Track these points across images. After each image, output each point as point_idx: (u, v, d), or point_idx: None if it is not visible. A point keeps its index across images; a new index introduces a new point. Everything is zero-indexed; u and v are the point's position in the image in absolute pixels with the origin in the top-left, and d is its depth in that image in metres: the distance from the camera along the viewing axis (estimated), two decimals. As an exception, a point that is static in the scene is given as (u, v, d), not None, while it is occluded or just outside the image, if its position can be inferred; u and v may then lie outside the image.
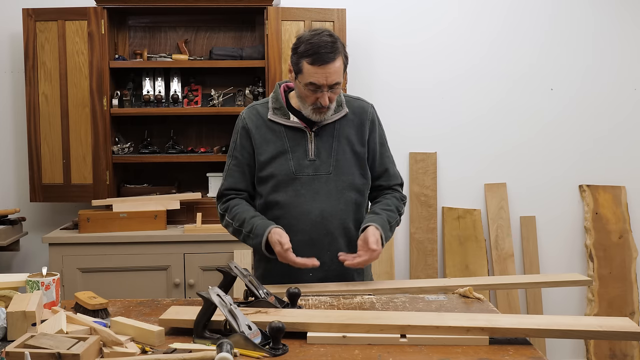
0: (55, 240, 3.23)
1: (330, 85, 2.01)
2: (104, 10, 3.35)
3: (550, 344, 3.81)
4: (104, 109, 3.38)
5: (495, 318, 1.63)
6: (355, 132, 2.16)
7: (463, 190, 3.81)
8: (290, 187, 2.10)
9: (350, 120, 2.16)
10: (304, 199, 2.09)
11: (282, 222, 2.09)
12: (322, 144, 2.13)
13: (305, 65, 2.00)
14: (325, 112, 2.07)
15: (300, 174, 2.10)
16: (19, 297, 1.70)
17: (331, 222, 2.10)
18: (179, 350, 1.48)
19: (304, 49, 2.00)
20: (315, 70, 1.99)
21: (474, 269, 3.74)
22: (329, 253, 2.10)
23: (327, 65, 1.98)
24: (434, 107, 3.78)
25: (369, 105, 2.22)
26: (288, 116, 2.13)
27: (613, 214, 3.81)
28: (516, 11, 3.78)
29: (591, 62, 3.81)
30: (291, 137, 2.12)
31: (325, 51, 1.98)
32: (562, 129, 3.82)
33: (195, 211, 3.42)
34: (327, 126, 2.14)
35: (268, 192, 2.12)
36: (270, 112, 2.14)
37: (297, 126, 2.12)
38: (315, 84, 2.01)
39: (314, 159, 2.11)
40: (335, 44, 2.01)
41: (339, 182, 2.12)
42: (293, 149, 2.11)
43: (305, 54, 2.00)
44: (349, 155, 2.14)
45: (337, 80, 2.02)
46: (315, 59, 1.98)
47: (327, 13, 3.40)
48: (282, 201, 2.11)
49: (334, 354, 1.50)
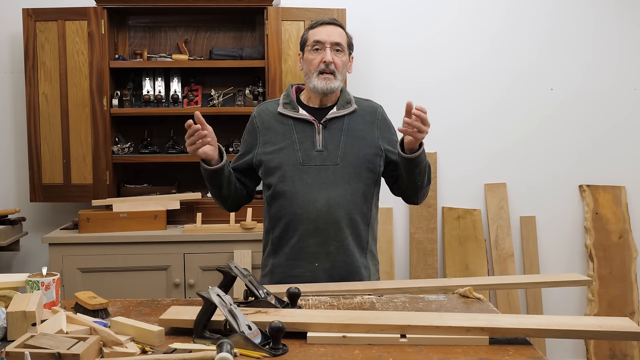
0: (55, 240, 3.23)
1: (333, 43, 2.15)
2: (104, 10, 3.35)
3: (550, 344, 3.81)
4: (104, 109, 3.38)
5: (495, 318, 1.63)
6: (364, 127, 2.21)
7: (463, 190, 3.81)
8: (298, 177, 2.13)
9: (360, 117, 2.22)
10: (311, 188, 2.12)
11: (289, 211, 2.13)
12: (330, 137, 2.17)
13: (310, 32, 2.21)
14: (332, 79, 2.15)
15: (307, 164, 2.14)
16: (19, 297, 1.70)
17: (337, 211, 2.11)
18: (179, 350, 1.48)
19: (308, 26, 2.26)
20: (318, 30, 2.19)
21: (474, 269, 3.74)
22: (335, 242, 2.12)
23: (328, 25, 2.19)
24: (434, 106, 3.76)
25: (378, 106, 2.29)
26: (297, 109, 2.20)
27: (613, 214, 3.81)
28: (516, 11, 3.78)
29: (591, 62, 3.81)
30: (299, 129, 2.18)
31: (327, 19, 2.23)
32: (562, 129, 3.82)
33: (195, 211, 3.42)
34: (336, 120, 2.19)
35: (276, 182, 2.15)
36: (281, 106, 2.22)
37: (305, 118, 2.18)
38: (319, 41, 2.16)
39: (322, 149, 2.15)
40: (337, 21, 2.25)
41: (346, 173, 2.14)
42: (301, 140, 2.16)
43: (309, 27, 2.23)
44: (357, 148, 2.17)
45: (339, 40, 2.16)
46: (317, 22, 2.22)
47: (327, 13, 3.40)
48: (288, 191, 2.13)
49: (334, 354, 1.50)
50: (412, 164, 2.07)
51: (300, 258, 2.13)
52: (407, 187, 2.18)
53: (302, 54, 2.23)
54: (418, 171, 2.10)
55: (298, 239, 2.13)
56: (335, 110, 2.20)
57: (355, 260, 2.15)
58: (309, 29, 2.22)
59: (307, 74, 2.19)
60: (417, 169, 2.09)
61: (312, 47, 2.17)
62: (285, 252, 2.16)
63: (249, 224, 3.25)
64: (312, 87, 2.17)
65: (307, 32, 2.23)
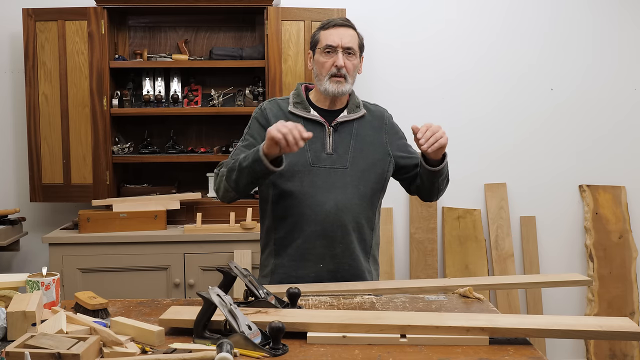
0: (55, 240, 3.23)
1: (344, 48, 2.12)
2: (104, 10, 3.35)
3: (550, 344, 3.81)
4: (104, 109, 3.38)
5: (495, 318, 1.63)
6: (373, 133, 2.20)
7: (463, 190, 3.80)
8: (306, 178, 2.11)
9: (368, 122, 2.21)
10: (319, 190, 2.11)
11: (295, 212, 2.11)
12: (340, 140, 2.16)
13: (321, 33, 2.16)
14: (343, 83, 2.12)
15: (316, 166, 2.12)
16: (19, 297, 1.70)
17: (345, 214, 2.11)
18: (179, 350, 1.48)
19: (319, 25, 2.20)
20: (330, 32, 2.14)
21: (474, 269, 3.74)
22: (341, 245, 2.11)
23: (340, 27, 2.15)
24: (434, 107, 3.78)
25: (385, 111, 2.29)
26: (308, 109, 2.18)
27: (613, 214, 3.81)
28: (516, 11, 3.78)
29: (591, 62, 3.81)
30: (310, 129, 2.11)
31: (339, 20, 2.18)
32: (562, 129, 3.82)
33: (195, 211, 3.42)
34: (346, 124, 2.18)
35: (283, 182, 2.12)
36: (291, 105, 2.19)
37: (316, 119, 2.16)
38: (331, 45, 2.12)
39: (332, 152, 2.14)
40: (349, 21, 2.20)
41: (355, 178, 2.14)
42: (311, 141, 2.11)
43: (320, 27, 2.19)
44: (366, 153, 2.17)
45: (351, 45, 2.13)
46: (330, 24, 2.16)
47: (327, 13, 3.40)
48: (296, 191, 2.11)
49: (334, 354, 1.50)
50: (436, 175, 2.10)
51: (305, 259, 2.11)
52: (428, 191, 2.20)
53: (313, 53, 2.20)
54: (441, 179, 2.13)
55: (304, 240, 2.11)
56: (346, 114, 2.19)
57: (360, 264, 2.15)
58: (321, 29, 2.17)
59: (317, 76, 2.17)
60: (440, 178, 2.12)
61: (323, 49, 2.14)
62: (289, 252, 2.13)
63: (249, 224, 3.25)
64: (323, 90, 2.15)
65: (318, 32, 2.18)
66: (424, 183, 2.17)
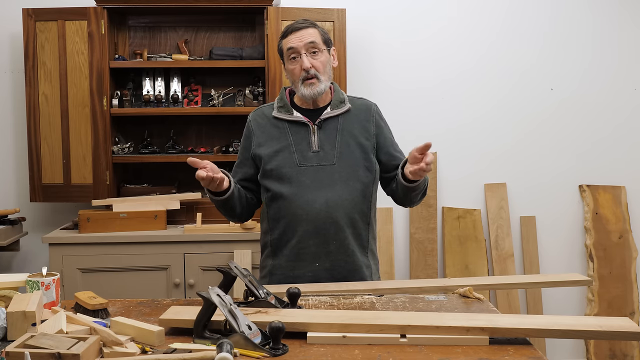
0: (55, 240, 3.23)
1: (307, 47, 2.14)
2: (104, 10, 3.35)
3: (550, 344, 3.81)
4: (104, 109, 3.38)
5: (495, 318, 1.63)
6: (359, 126, 2.21)
7: (463, 190, 3.81)
8: (295, 179, 2.13)
9: (354, 116, 2.22)
10: (309, 189, 2.12)
11: (288, 213, 2.13)
12: (326, 137, 2.17)
13: (283, 42, 2.20)
14: (316, 83, 2.15)
15: (304, 165, 2.14)
16: (19, 297, 1.70)
17: (337, 210, 2.11)
18: (179, 350, 1.48)
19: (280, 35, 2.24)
20: (289, 38, 2.18)
21: (474, 269, 3.74)
22: (335, 242, 2.12)
23: (298, 31, 2.17)
24: (434, 107, 3.78)
25: (372, 104, 2.29)
26: (291, 112, 2.20)
27: (613, 214, 3.81)
28: (516, 11, 3.78)
29: (591, 62, 3.81)
30: (295, 131, 2.18)
31: (296, 24, 2.20)
32: (562, 129, 3.82)
33: (195, 211, 3.42)
34: (331, 120, 2.19)
35: (274, 184, 2.15)
36: (275, 110, 2.23)
37: (300, 120, 2.19)
38: (292, 47, 2.16)
39: (318, 150, 2.16)
40: (308, 20, 2.22)
41: (344, 173, 2.14)
42: (297, 142, 2.16)
43: (281, 37, 2.22)
44: (353, 147, 2.17)
45: (312, 40, 2.15)
46: (288, 30, 2.20)
47: (327, 13, 3.40)
48: (286, 192, 2.13)
49: (334, 354, 1.50)
50: (411, 190, 2.11)
51: (301, 259, 2.13)
52: (401, 200, 2.23)
53: (284, 63, 2.23)
54: (415, 194, 2.14)
55: (298, 240, 2.13)
56: (329, 110, 2.20)
57: (357, 259, 2.15)
58: (282, 38, 2.21)
59: (293, 83, 2.20)
60: (415, 192, 2.13)
61: (288, 57, 2.17)
62: (284, 253, 2.15)
63: (249, 224, 3.25)
64: (301, 95, 2.18)
65: (280, 42, 2.22)
66: (398, 191, 2.18)
